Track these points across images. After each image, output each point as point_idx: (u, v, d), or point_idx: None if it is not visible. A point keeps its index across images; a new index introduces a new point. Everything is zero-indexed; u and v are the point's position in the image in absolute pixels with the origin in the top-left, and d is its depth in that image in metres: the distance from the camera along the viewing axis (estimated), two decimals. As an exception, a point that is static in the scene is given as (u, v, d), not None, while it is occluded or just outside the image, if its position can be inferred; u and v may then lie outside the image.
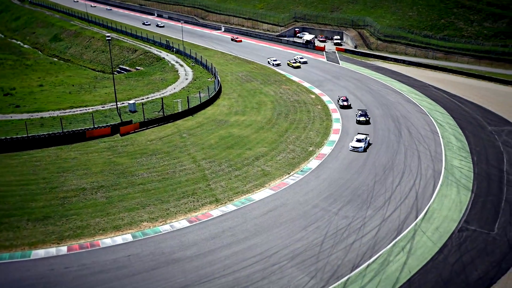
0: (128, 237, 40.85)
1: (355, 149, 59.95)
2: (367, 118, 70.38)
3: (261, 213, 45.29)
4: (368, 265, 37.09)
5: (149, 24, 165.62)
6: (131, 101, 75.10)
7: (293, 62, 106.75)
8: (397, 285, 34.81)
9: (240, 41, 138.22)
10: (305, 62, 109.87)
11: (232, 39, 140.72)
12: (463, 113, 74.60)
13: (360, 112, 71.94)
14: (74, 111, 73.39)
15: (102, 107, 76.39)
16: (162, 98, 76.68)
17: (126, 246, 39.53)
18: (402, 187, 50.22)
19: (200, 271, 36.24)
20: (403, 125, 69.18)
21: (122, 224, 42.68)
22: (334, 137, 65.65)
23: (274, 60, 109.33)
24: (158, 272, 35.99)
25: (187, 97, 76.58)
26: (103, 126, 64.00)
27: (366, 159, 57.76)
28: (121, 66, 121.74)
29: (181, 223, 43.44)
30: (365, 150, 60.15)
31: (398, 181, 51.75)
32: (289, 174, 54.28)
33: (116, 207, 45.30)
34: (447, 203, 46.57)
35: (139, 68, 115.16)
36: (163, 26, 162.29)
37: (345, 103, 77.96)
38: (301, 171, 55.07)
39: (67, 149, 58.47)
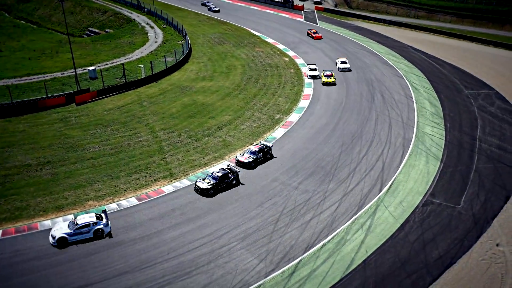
0: (69, 218, 37.88)
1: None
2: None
3: (216, 188, 42.45)
4: (323, 245, 34.79)
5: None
6: (91, 68, 70.59)
7: None
8: (351, 266, 32.64)
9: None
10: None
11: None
12: (441, 75, 71.38)
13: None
14: (31, 79, 68.87)
15: (62, 74, 71.85)
16: (123, 64, 72.13)
17: (66, 229, 36.55)
18: (369, 157, 47.58)
19: (143, 255, 33.67)
20: (377, 89, 65.92)
21: (65, 203, 39.70)
22: (304, 103, 62.35)
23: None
24: (97, 258, 33.35)
25: (151, 62, 72.12)
26: (57, 95, 59.83)
27: (335, 127, 54.83)
28: (90, 28, 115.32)
29: (129, 201, 40.56)
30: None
31: (366, 150, 49.05)
32: (251, 144, 51.21)
33: (61, 185, 42.17)
34: (414, 174, 44.13)
35: (108, 30, 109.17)
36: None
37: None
38: (265, 140, 52.00)
39: (16, 122, 54.60)
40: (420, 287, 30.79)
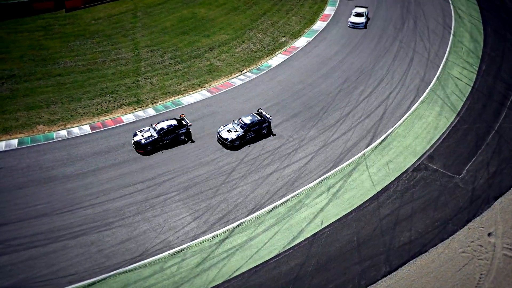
0: (13, 143, 34.71)
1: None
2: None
3: (179, 123, 37.17)
4: (273, 208, 29.38)
5: None
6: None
7: None
8: (296, 240, 27.34)
9: None
10: None
11: None
12: (497, 3, 57.87)
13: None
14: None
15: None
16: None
17: (3, 155, 33.54)
18: (371, 101, 39.69)
19: (70, 195, 30.09)
20: (412, 14, 54.70)
21: (14, 125, 36.37)
22: (319, 25, 53.22)
23: None
24: (22, 193, 30.19)
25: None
26: (45, -2, 54.61)
27: (344, 58, 46.31)
28: None
29: (82, 129, 36.52)
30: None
31: (370, 91, 40.96)
32: (240, 72, 44.54)
33: (16, 104, 38.67)
34: (417, 128, 36.24)
35: None
36: None
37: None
38: (257, 69, 45.03)
39: (-3, 26, 50.65)
40: (369, 279, 25.12)
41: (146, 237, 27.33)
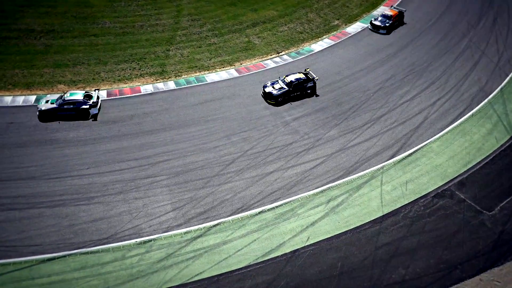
0: (31, 99, 34.92)
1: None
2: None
3: (195, 102, 35.25)
4: (260, 212, 26.61)
5: None
6: None
7: None
8: (272, 253, 24.48)
9: None
10: None
11: None
12: None
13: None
14: None
15: None
16: None
17: (17, 110, 33.87)
18: (411, 106, 34.71)
19: (63, 162, 29.55)
20: (495, 9, 47.00)
21: (37, 81, 36.61)
22: (381, 10, 47.75)
23: None
24: (21, 152, 30.19)
25: None
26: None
27: (398, 52, 41.06)
28: None
29: (99, 94, 35.73)
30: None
31: (414, 94, 35.85)
32: (278, 53, 41.20)
33: (46, 60, 38.90)
34: (456, 146, 30.97)
35: None
36: None
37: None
38: (297, 52, 41.39)
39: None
40: (338, 316, 21.78)
41: (120, 220, 26.01)
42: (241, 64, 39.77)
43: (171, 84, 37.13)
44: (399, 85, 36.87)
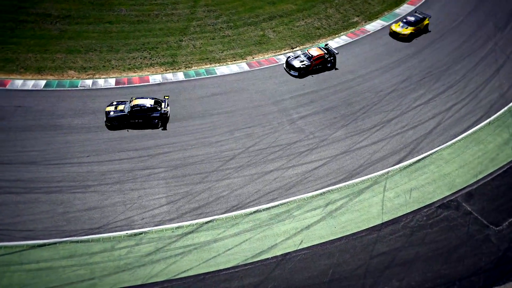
0: (40, 83, 35.12)
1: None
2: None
3: (201, 94, 34.76)
4: (255, 212, 25.98)
5: None
6: None
7: None
8: (263, 255, 23.89)
9: None
10: None
11: None
12: None
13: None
14: None
15: None
16: None
17: (27, 94, 34.13)
18: (425, 110, 33.28)
19: (65, 149, 29.62)
20: (525, 11, 44.60)
21: (48, 66, 36.81)
22: (404, 8, 45.95)
23: None
24: (24, 136, 30.38)
25: None
26: None
27: (416, 52, 39.47)
28: None
29: (107, 81, 35.82)
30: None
31: (429, 98, 34.38)
32: (292, 49, 40.22)
33: (59, 45, 39.04)
34: (468, 155, 29.50)
35: None
36: None
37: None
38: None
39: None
40: (323, 325, 21.02)
41: (113, 210, 25.84)
42: (253, 58, 39.00)
43: (180, 75, 36.72)
44: (414, 87, 35.41)
